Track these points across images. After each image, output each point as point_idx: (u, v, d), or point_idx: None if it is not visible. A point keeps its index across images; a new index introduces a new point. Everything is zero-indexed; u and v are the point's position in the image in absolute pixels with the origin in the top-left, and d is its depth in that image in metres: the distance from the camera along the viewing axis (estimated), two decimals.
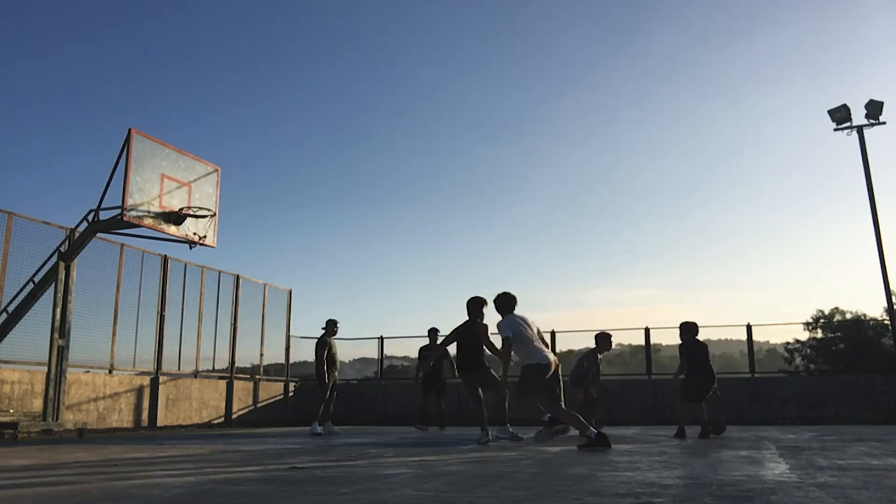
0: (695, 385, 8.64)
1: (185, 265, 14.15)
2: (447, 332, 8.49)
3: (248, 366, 16.17)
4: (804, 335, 23.56)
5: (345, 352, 28.48)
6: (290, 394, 17.26)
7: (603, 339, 9.87)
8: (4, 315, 9.95)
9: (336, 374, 10.99)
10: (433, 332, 12.02)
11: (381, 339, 18.21)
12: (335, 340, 11.16)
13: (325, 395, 10.69)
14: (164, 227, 10.25)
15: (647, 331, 16.46)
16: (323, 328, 11.08)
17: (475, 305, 8.15)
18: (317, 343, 10.99)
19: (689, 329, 8.91)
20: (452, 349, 9.05)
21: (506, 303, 7.32)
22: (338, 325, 11.13)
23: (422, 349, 12.07)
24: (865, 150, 17.31)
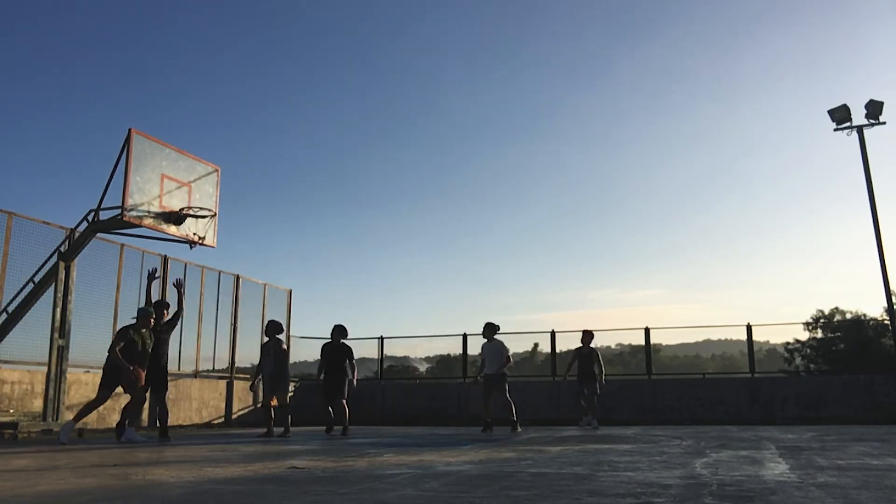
0: None
1: (185, 265, 14.15)
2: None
3: (248, 366, 16.16)
4: (804, 335, 23.55)
5: None
6: (290, 394, 17.24)
7: None
8: (4, 315, 9.96)
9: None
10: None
11: (381, 339, 18.25)
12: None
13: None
14: (164, 227, 10.25)
15: (647, 331, 16.48)
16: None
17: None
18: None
19: None
20: None
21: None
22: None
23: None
24: (865, 150, 17.33)
